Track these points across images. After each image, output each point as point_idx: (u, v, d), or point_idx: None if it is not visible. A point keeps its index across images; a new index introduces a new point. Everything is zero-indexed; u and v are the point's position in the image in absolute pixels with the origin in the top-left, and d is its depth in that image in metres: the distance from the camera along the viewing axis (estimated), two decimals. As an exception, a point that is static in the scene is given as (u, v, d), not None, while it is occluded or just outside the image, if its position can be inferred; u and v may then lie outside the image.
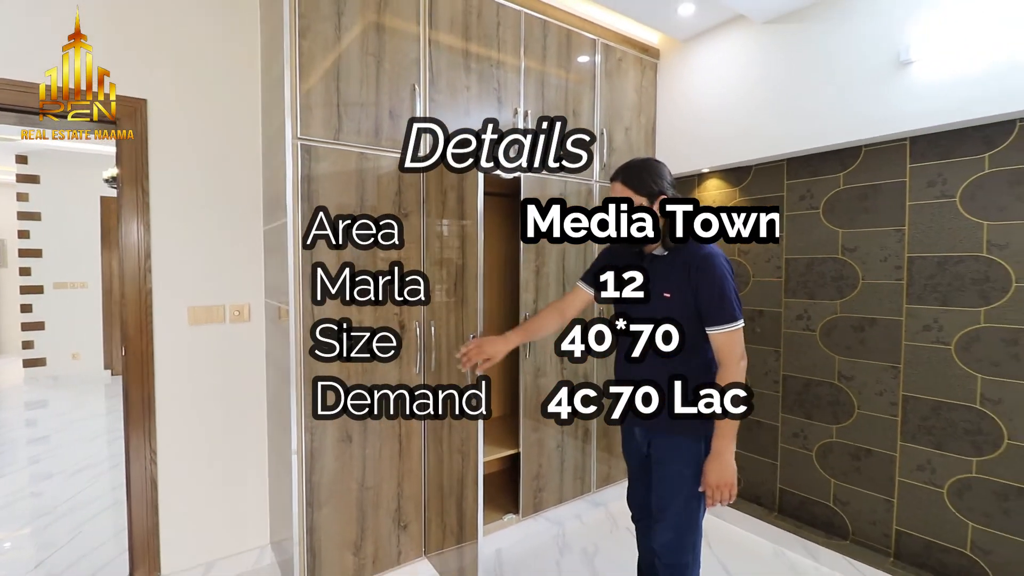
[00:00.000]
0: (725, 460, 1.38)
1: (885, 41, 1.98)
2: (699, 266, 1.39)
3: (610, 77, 2.66)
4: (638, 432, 1.59)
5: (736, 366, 1.38)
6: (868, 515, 2.14)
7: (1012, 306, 1.79)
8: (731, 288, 1.39)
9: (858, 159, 2.18)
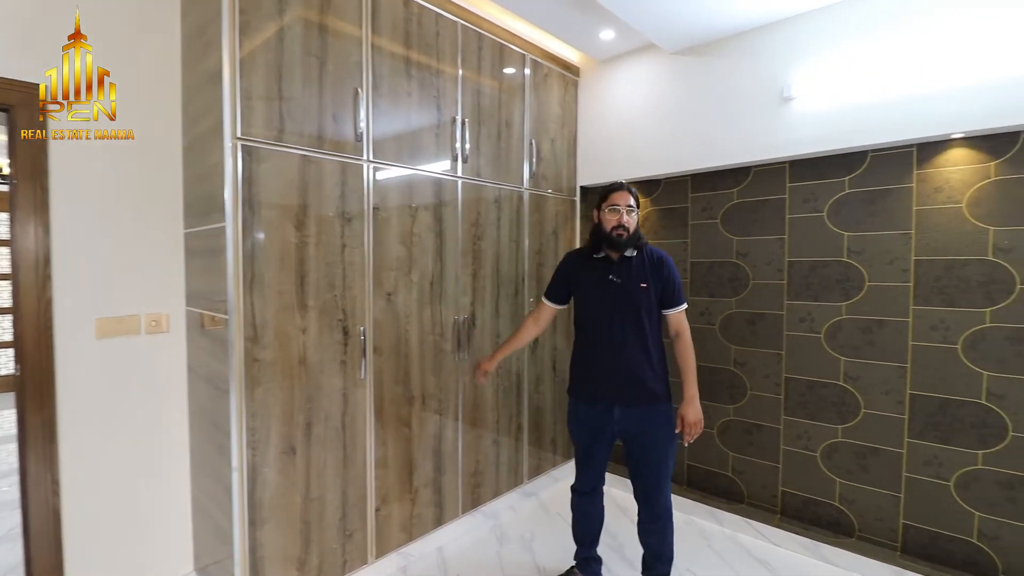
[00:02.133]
0: (696, 402, 1.86)
1: (772, 79, 2.34)
2: (664, 262, 1.90)
3: (537, 90, 2.82)
4: (617, 411, 1.86)
5: (688, 333, 1.92)
6: (875, 512, 2.23)
7: (866, 302, 2.22)
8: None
9: (748, 177, 2.55)
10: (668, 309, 1.90)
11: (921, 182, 2.10)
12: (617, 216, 1.85)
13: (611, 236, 1.86)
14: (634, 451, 1.88)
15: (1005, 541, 1.96)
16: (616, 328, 1.85)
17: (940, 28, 1.94)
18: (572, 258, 2.04)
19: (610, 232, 1.86)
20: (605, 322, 1.86)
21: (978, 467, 2.01)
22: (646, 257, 1.89)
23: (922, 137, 2.02)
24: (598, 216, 1.93)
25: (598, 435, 1.91)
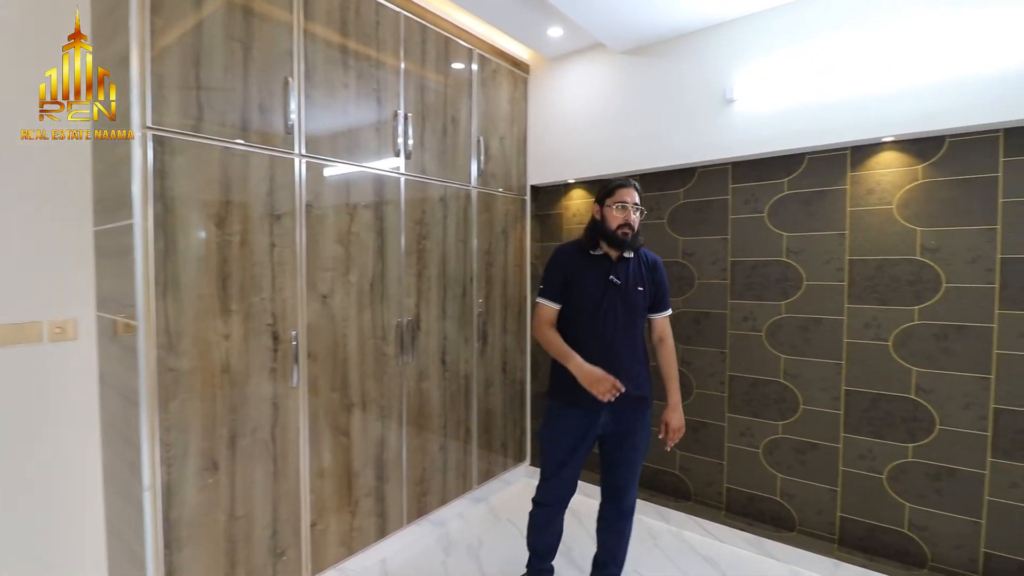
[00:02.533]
0: (680, 408, 1.90)
1: (715, 81, 2.36)
2: (658, 266, 1.92)
3: (485, 87, 2.75)
4: (604, 414, 1.81)
5: (671, 338, 1.96)
6: (814, 505, 2.28)
7: (804, 301, 2.27)
8: None
9: (694, 178, 2.58)
10: (656, 313, 1.94)
11: (855, 184, 2.16)
12: (625, 214, 1.79)
13: (616, 234, 1.79)
14: (613, 450, 1.86)
15: (933, 531, 2.04)
16: (611, 329, 1.79)
17: (872, 34, 2.00)
18: (568, 254, 1.86)
19: (615, 230, 1.79)
20: (601, 323, 1.79)
21: (908, 460, 2.08)
22: (642, 259, 1.88)
23: (855, 140, 2.08)
24: (600, 212, 1.85)
25: (581, 443, 1.82)
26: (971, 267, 1.94)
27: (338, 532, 2.07)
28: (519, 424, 3.09)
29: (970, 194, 1.93)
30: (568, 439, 1.83)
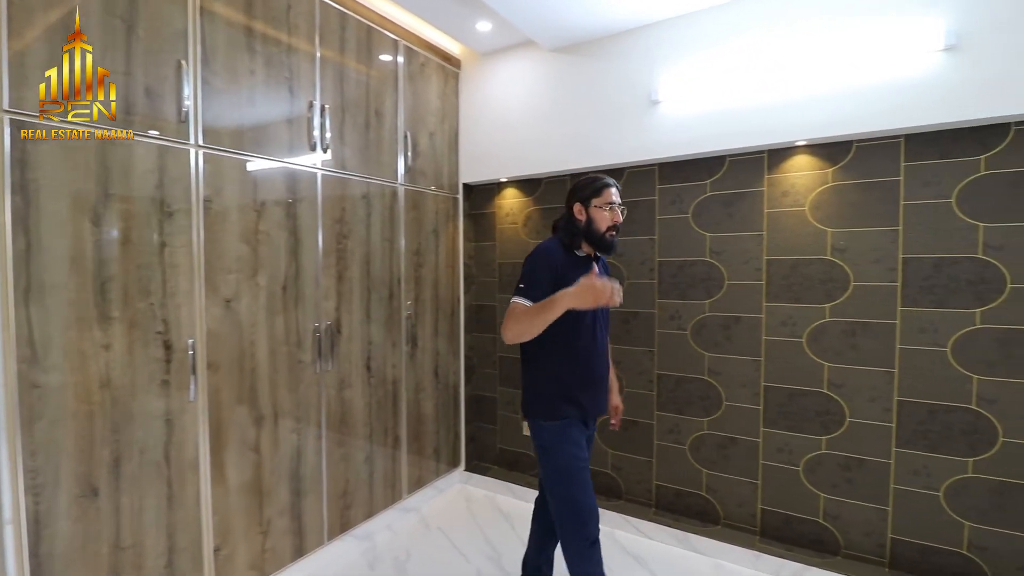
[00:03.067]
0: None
1: (641, 82, 2.37)
2: (607, 268, 1.91)
3: (413, 80, 2.65)
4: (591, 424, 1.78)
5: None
6: (737, 499, 2.34)
7: (726, 299, 2.33)
8: None
9: (623, 179, 2.58)
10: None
11: (771, 186, 2.23)
12: (614, 215, 1.71)
13: (604, 237, 1.71)
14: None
15: (845, 519, 2.13)
16: (599, 335, 1.75)
17: (784, 42, 2.06)
18: (555, 253, 1.67)
19: (604, 232, 1.70)
20: (590, 329, 1.70)
21: (822, 452, 2.16)
22: (603, 260, 1.87)
23: (771, 144, 2.14)
24: (585, 212, 1.71)
25: (583, 447, 1.71)
26: (876, 266, 2.04)
27: (247, 555, 1.91)
28: (453, 428, 3.01)
29: (874, 197, 2.03)
30: (579, 453, 1.67)
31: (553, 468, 1.65)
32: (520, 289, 1.60)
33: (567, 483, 1.62)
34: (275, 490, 2.00)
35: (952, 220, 1.91)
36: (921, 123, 1.85)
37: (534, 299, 1.55)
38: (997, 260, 1.85)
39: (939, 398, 1.95)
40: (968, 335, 1.89)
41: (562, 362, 1.68)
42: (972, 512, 1.91)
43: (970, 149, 1.88)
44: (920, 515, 1.99)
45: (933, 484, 1.97)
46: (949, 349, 1.93)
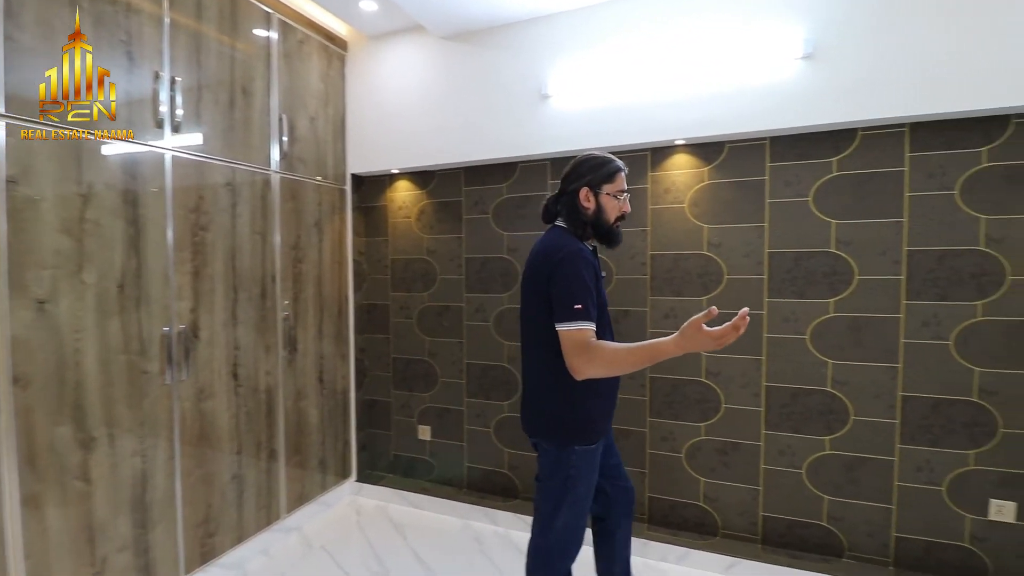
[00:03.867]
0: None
1: (532, 75, 2.34)
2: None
3: (290, 59, 2.41)
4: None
5: None
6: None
7: (616, 294, 2.36)
8: None
9: (516, 173, 2.54)
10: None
11: (654, 183, 2.29)
12: (624, 204, 1.52)
13: (613, 228, 1.51)
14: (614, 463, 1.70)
15: (721, 502, 2.24)
16: (609, 335, 1.51)
17: (665, 42, 2.11)
18: (587, 256, 1.42)
19: (614, 223, 1.51)
20: (608, 331, 1.51)
21: (701, 438, 2.26)
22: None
23: (653, 142, 2.19)
24: (595, 199, 1.48)
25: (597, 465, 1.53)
26: (746, 260, 2.16)
27: (74, 604, 1.61)
28: (342, 437, 2.81)
29: (744, 195, 2.15)
30: (597, 472, 1.51)
31: (573, 497, 1.45)
32: (578, 312, 1.32)
33: (579, 514, 1.48)
34: (112, 524, 1.70)
35: (810, 217, 2.07)
36: (783, 126, 1.98)
37: (593, 317, 1.34)
38: (847, 254, 2.02)
39: (800, 382, 2.10)
40: (824, 323, 2.06)
41: (612, 379, 1.49)
42: (828, 488, 2.09)
43: (825, 152, 2.05)
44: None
45: (797, 462, 2.13)
46: (808, 335, 2.08)
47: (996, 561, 1.91)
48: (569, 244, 1.42)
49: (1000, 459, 1.87)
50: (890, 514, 2.01)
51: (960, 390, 1.91)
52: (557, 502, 1.46)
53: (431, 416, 2.80)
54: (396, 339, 2.86)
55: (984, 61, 1.73)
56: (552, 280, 1.37)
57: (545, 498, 1.49)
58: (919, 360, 1.95)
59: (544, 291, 1.40)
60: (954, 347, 1.91)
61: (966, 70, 1.74)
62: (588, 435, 1.45)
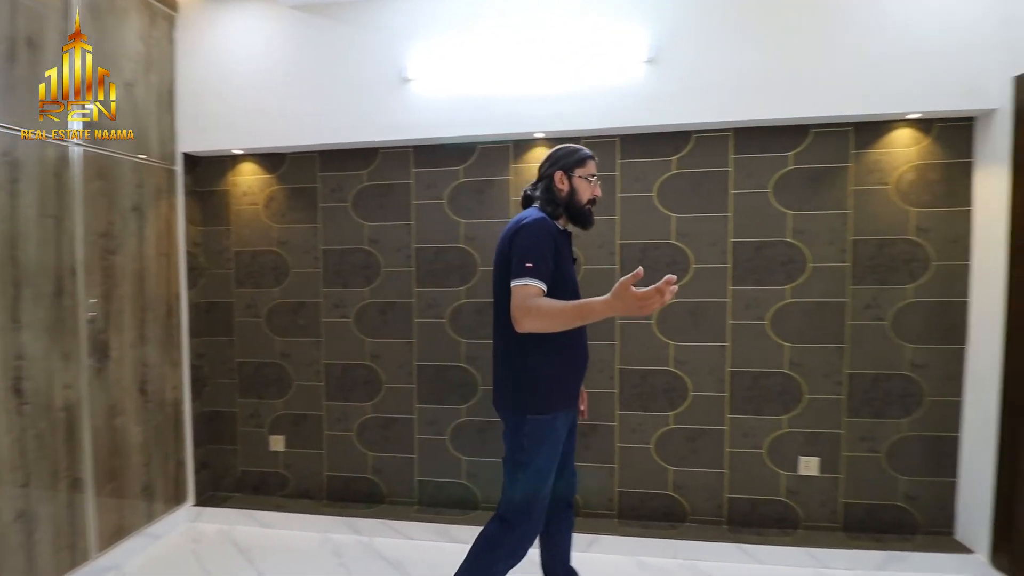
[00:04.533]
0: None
1: (391, 57, 2.22)
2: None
3: (99, 12, 2.02)
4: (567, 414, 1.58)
5: None
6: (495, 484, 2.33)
7: (482, 286, 2.34)
8: None
9: (376, 160, 2.41)
10: None
11: (517, 175, 2.31)
12: (594, 188, 1.62)
13: (585, 210, 1.61)
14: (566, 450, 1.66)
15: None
16: None
17: (525, 36, 2.13)
18: (553, 229, 1.51)
19: (585, 204, 1.61)
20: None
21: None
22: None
23: (515, 133, 2.21)
24: (568, 182, 1.59)
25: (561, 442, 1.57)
26: (600, 251, 2.27)
27: None
28: (174, 456, 2.43)
29: (601, 189, 2.25)
30: (558, 450, 1.56)
31: (534, 467, 1.50)
32: (528, 269, 1.39)
33: (542, 482, 1.51)
34: None
35: (654, 212, 2.23)
36: (630, 125, 2.11)
37: (545, 278, 1.41)
38: (685, 245, 2.22)
39: (649, 363, 2.26)
40: (670, 309, 2.23)
41: (564, 349, 1.54)
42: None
43: (666, 151, 2.22)
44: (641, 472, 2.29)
45: (646, 439, 2.29)
46: (654, 321, 2.25)
47: (805, 509, 2.22)
48: (534, 215, 1.51)
49: (806, 421, 2.18)
50: (723, 477, 2.24)
51: (774, 363, 2.18)
52: (513, 473, 1.51)
53: (285, 424, 2.55)
54: (242, 341, 2.56)
55: (787, 77, 1.99)
56: (512, 245, 1.46)
57: (506, 472, 1.54)
58: (743, 339, 2.20)
59: (507, 259, 1.47)
60: (770, 326, 2.18)
61: (773, 84, 2.00)
62: (542, 405, 1.50)
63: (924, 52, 1.91)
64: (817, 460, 2.19)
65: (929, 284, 2.09)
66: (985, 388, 1.97)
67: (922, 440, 2.12)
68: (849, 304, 2.14)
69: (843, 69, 1.96)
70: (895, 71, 1.93)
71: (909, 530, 2.15)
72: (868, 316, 2.13)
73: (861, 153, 2.11)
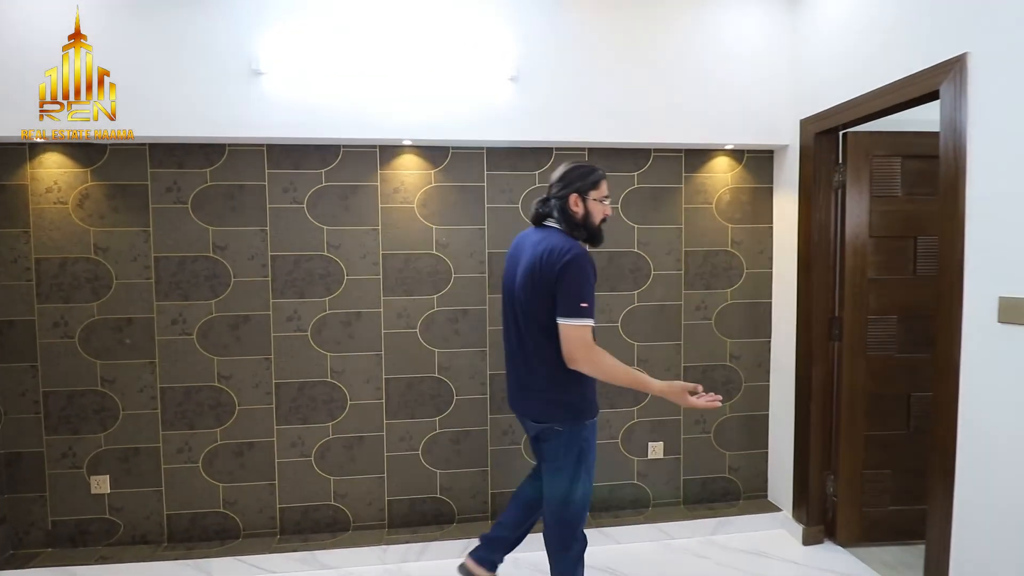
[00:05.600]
0: None
1: (240, 45, 2.02)
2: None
3: None
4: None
5: None
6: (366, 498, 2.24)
7: (346, 296, 2.24)
8: None
9: (223, 157, 2.18)
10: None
11: (384, 181, 2.26)
12: (606, 208, 1.67)
13: (599, 230, 1.67)
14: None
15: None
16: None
17: (394, 42, 2.08)
18: (590, 256, 1.56)
19: (598, 225, 1.67)
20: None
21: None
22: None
23: (382, 139, 2.15)
24: (583, 204, 1.62)
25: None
26: (469, 260, 2.31)
27: None
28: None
29: (468, 199, 2.30)
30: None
31: (587, 465, 1.62)
32: (583, 309, 1.48)
33: (591, 480, 1.64)
34: None
35: (520, 224, 2.32)
36: (496, 139, 2.18)
37: (593, 315, 1.52)
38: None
39: (517, 368, 2.35)
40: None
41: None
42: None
43: (530, 165, 2.33)
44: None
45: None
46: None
47: (654, 489, 2.49)
48: (575, 246, 1.54)
49: (652, 410, 2.45)
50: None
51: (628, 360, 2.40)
52: (574, 474, 1.59)
53: (110, 462, 2.18)
54: (48, 367, 2.13)
55: (634, 107, 2.21)
56: (560, 278, 1.49)
57: (561, 477, 1.60)
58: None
59: (552, 288, 1.50)
60: (621, 328, 2.41)
61: (623, 112, 2.21)
62: (594, 409, 1.64)
63: (738, 96, 2.27)
64: (662, 444, 2.47)
65: (742, 288, 2.48)
66: (784, 374, 2.40)
67: (741, 420, 2.52)
68: (683, 306, 2.45)
69: (678, 104, 2.24)
70: (717, 110, 2.26)
71: (734, 497, 2.54)
72: (698, 316, 2.47)
73: (690, 176, 2.43)
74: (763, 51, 2.28)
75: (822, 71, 2.13)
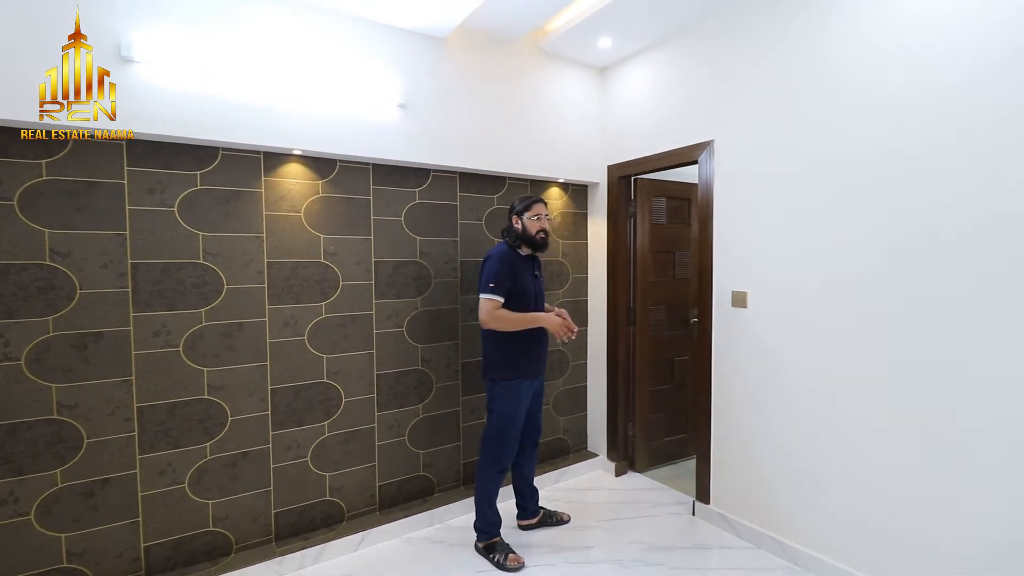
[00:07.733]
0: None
1: (104, 26, 1.77)
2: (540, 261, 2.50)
3: None
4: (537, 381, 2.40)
5: None
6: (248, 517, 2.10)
7: (226, 307, 2.13)
8: None
9: (66, 150, 1.84)
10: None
11: (268, 189, 2.22)
12: (540, 223, 2.32)
13: (535, 238, 2.31)
14: (534, 404, 2.45)
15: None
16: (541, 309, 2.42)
17: (287, 52, 2.10)
18: (511, 256, 2.28)
19: (535, 235, 2.31)
20: (534, 305, 2.34)
21: (325, 434, 2.38)
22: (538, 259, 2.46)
23: (267, 146, 2.13)
24: (520, 222, 2.32)
25: (523, 406, 2.33)
26: (357, 268, 2.44)
27: None
28: None
29: (354, 210, 2.43)
30: (522, 406, 2.32)
31: (498, 416, 2.29)
32: (491, 288, 2.19)
33: (504, 427, 2.29)
34: None
35: (401, 233, 2.56)
36: (383, 156, 2.38)
37: (500, 294, 2.19)
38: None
39: (401, 367, 2.57)
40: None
41: (515, 337, 2.27)
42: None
43: (411, 183, 2.58)
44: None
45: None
46: (404, 326, 2.58)
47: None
48: (500, 249, 2.29)
49: (507, 393, 2.95)
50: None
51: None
52: (491, 419, 2.33)
53: None
54: None
55: (496, 142, 2.69)
56: (483, 269, 2.27)
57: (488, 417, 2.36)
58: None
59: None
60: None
61: (488, 145, 2.67)
62: (515, 372, 2.27)
63: (567, 140, 2.97)
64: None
65: (570, 288, 3.21)
66: (598, 355, 3.20)
67: (568, 391, 3.24)
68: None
69: (528, 144, 2.81)
70: (553, 150, 2.92)
71: (567, 451, 3.25)
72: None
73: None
74: (584, 110, 3.04)
75: (623, 131, 2.99)
